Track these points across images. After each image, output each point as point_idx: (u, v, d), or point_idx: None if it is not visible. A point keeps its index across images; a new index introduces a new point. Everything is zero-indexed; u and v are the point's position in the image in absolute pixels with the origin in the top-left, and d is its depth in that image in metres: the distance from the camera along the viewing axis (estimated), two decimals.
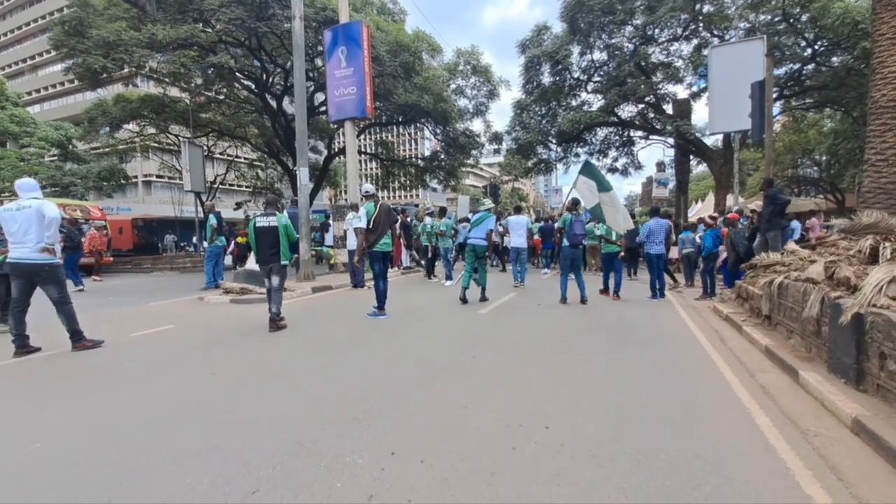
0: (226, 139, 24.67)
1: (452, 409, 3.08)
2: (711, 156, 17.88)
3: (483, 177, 74.71)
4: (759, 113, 8.16)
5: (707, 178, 42.20)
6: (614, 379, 3.85)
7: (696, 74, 18.80)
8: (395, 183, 28.87)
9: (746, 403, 3.30)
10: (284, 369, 4.08)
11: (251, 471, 2.23)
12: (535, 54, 18.40)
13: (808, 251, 6.08)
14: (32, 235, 4.42)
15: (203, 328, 5.84)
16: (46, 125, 24.94)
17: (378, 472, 2.23)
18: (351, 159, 12.15)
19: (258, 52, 17.23)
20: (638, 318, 6.73)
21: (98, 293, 10.16)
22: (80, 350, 4.62)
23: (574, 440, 2.61)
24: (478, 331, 5.72)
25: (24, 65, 46.52)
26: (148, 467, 2.29)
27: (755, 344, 5.05)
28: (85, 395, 3.43)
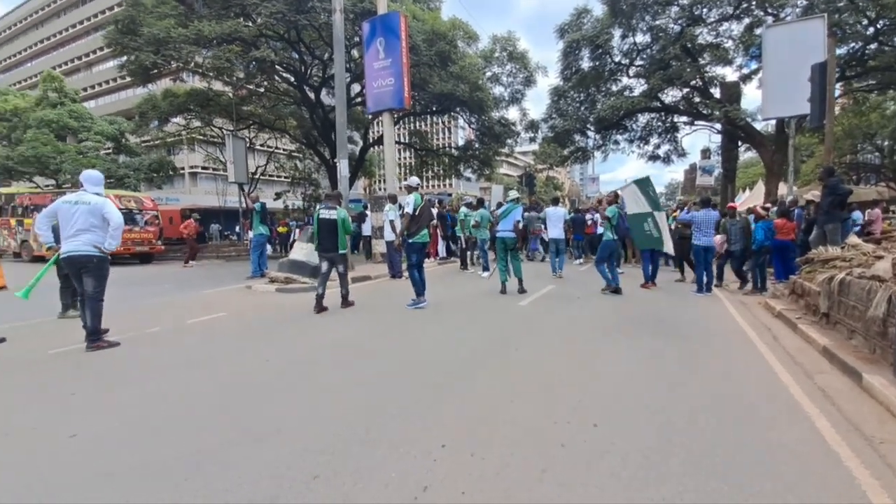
0: (266, 131, 25.38)
1: (498, 403, 3.12)
2: (763, 142, 16.91)
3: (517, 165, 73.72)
4: (820, 97, 7.63)
5: (755, 165, 40.04)
6: (661, 375, 3.77)
7: (748, 55, 17.75)
8: (429, 172, 28.95)
9: (805, 406, 3.17)
10: (331, 358, 4.23)
11: (311, 457, 2.34)
12: (575, 39, 17.85)
13: (872, 246, 5.72)
14: (85, 231, 4.44)
15: (253, 316, 6.12)
16: (101, 120, 26.40)
17: (430, 464, 2.29)
18: (389, 150, 12.26)
19: (297, 45, 17.54)
20: (684, 312, 6.54)
21: (154, 281, 10.77)
22: (94, 350, 4.47)
23: (624, 439, 2.59)
24: (518, 323, 5.72)
25: (79, 62, 49.18)
26: (218, 450, 2.45)
27: (812, 343, 4.81)
28: (152, 380, 3.68)
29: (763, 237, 8.02)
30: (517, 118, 22.41)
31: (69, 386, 3.55)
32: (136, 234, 16.19)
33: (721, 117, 15.37)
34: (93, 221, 4.48)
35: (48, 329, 4.57)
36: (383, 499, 2.01)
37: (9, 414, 3.03)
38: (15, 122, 23.65)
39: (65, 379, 3.76)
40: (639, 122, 21.47)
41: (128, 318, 5.76)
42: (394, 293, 8.02)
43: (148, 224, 16.81)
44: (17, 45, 55.19)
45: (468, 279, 9.99)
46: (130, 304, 7.10)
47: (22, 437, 2.67)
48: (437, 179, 29.61)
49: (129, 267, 14.76)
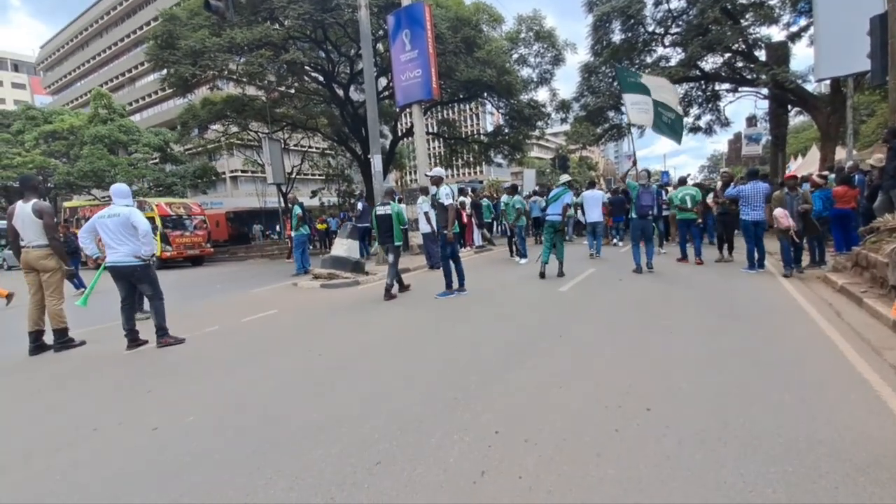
0: (299, 131, 26.06)
1: (547, 389, 3.13)
2: (816, 104, 15.75)
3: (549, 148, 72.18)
4: (881, 52, 6.99)
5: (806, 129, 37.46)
6: (713, 356, 3.67)
7: (796, 11, 16.51)
8: (459, 161, 28.87)
9: (875, 385, 3.01)
10: (381, 350, 4.37)
11: (371, 445, 2.46)
12: (605, 11, 17.15)
13: None
14: (124, 240, 4.74)
15: (302, 312, 6.39)
16: (147, 132, 27.89)
17: (485, 450, 2.35)
18: (420, 142, 12.32)
19: (324, 44, 17.82)
20: (734, 289, 6.29)
21: (206, 282, 11.39)
22: (163, 346, 4.84)
23: (679, 422, 2.56)
24: (561, 308, 5.69)
25: (122, 78, 51.90)
26: (283, 439, 2.60)
27: (879, 318, 4.51)
28: (217, 376, 3.94)
29: (821, 207, 7.55)
30: (547, 99, 21.98)
31: (145, 382, 3.86)
32: (188, 238, 17.12)
33: (769, 81, 14.44)
34: (126, 232, 4.76)
35: (119, 331, 4.96)
36: (443, 482, 2.09)
37: (95, 410, 3.33)
38: (72, 140, 25.38)
39: (141, 376, 4.08)
40: (677, 92, 20.49)
41: (187, 319, 6.14)
42: (434, 284, 8.12)
43: (197, 228, 17.72)
44: (66, 66, 58.79)
45: (508, 266, 9.97)
46: (187, 305, 7.57)
47: (111, 431, 2.93)
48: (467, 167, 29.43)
49: (182, 270, 15.67)
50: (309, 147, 28.97)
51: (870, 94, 20.11)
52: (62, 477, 2.39)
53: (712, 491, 1.94)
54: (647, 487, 1.99)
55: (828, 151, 15.07)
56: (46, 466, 2.50)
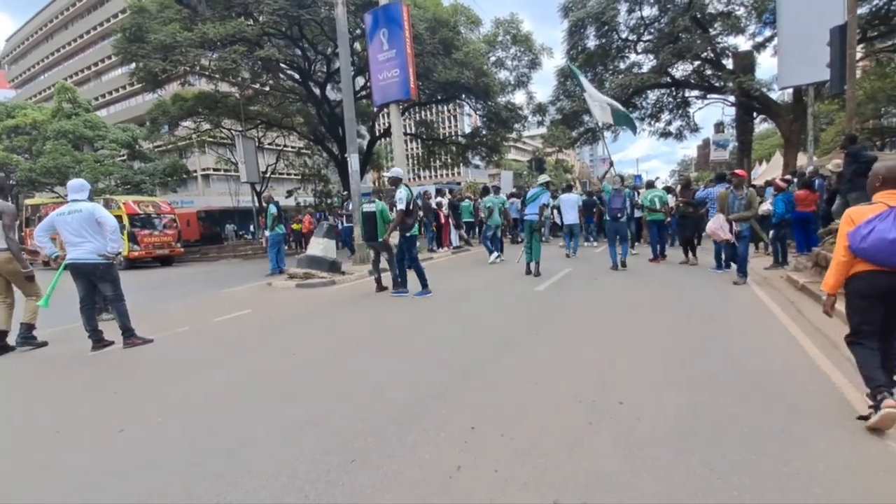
0: (274, 129, 25.60)
1: (523, 386, 3.16)
2: (779, 112, 16.46)
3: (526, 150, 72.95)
4: (840, 61, 7.37)
5: (771, 136, 38.97)
6: (683, 351, 3.77)
7: (761, 22, 17.21)
8: (437, 162, 28.90)
9: (833, 378, 3.16)
10: (356, 349, 4.32)
11: (346, 442, 2.42)
12: (580, 17, 17.51)
13: None
14: (87, 237, 4.53)
15: (277, 312, 6.25)
16: (115, 128, 26.87)
17: (462, 445, 2.35)
18: (397, 142, 12.26)
19: (300, 42, 17.56)
20: (703, 288, 6.49)
21: (175, 282, 11.04)
22: (130, 347, 4.67)
23: (650, 414, 2.62)
24: (537, 307, 5.75)
25: (88, 72, 49.88)
26: (257, 439, 2.54)
27: (838, 315, 4.72)
28: (187, 376, 3.82)
29: (783, 210, 7.87)
30: (524, 102, 22.24)
31: (111, 384, 3.72)
32: (157, 237, 16.55)
33: (735, 89, 15.00)
34: (89, 228, 4.56)
35: (83, 332, 4.76)
36: (419, 478, 2.08)
37: (59, 412, 3.19)
38: (34, 135, 24.25)
39: (106, 377, 3.93)
40: (649, 99, 21.08)
41: (156, 319, 5.93)
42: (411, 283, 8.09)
43: (166, 227, 17.15)
44: (30, 59, 56.21)
45: (484, 266, 10.01)
46: (156, 305, 7.32)
47: (75, 433, 2.81)
48: (445, 168, 29.50)
49: (151, 270, 15.15)
50: (284, 146, 28.47)
51: (829, 104, 21.16)
52: (22, 480, 2.28)
53: (681, 479, 2.00)
54: (619, 477, 2.03)
55: (790, 157, 15.76)
56: (6, 469, 2.38)
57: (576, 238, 11.03)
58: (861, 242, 2.38)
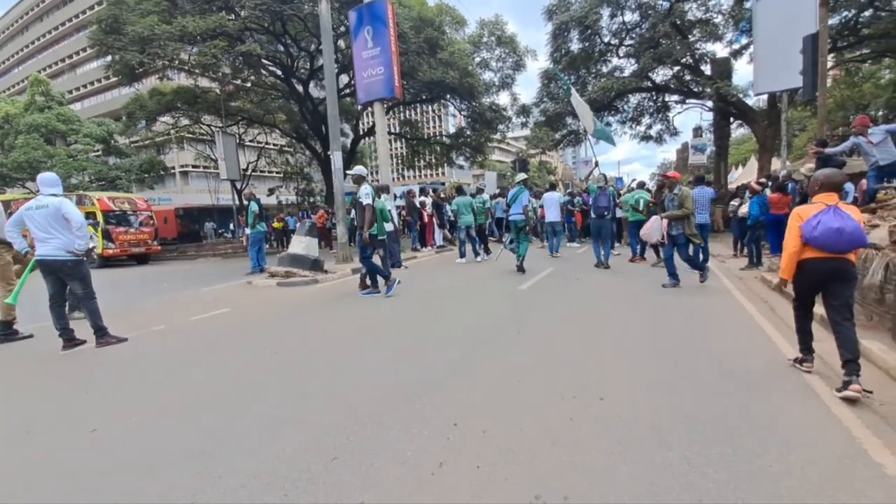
0: (255, 126, 25.20)
1: (505, 383, 3.17)
2: (755, 117, 16.93)
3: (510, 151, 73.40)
4: (812, 69, 7.63)
5: (747, 141, 40.04)
6: (663, 349, 3.84)
7: (738, 30, 17.69)
8: (422, 162, 28.85)
9: (804, 374, 3.25)
10: (338, 348, 4.28)
11: (327, 440, 2.40)
12: (563, 20, 17.69)
13: (867, 215, 5.78)
14: (54, 233, 4.41)
15: (257, 311, 6.14)
16: (90, 122, 26.08)
17: (444, 442, 2.35)
18: (381, 140, 12.21)
19: (283, 38, 17.33)
20: (681, 288, 6.61)
21: (152, 280, 10.77)
22: (103, 346, 4.54)
23: (630, 411, 2.66)
24: (519, 306, 5.78)
25: (63, 64, 48.32)
26: (235, 437, 2.50)
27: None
28: (162, 375, 3.72)
29: (758, 212, 8.09)
30: (508, 103, 22.39)
31: (83, 383, 3.61)
32: (132, 235, 16.11)
33: (713, 94, 15.36)
34: (56, 224, 4.43)
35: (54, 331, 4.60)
36: (401, 475, 2.06)
37: (29, 413, 3.08)
38: (7, 129, 23.37)
39: (78, 376, 3.81)
40: (630, 102, 21.43)
41: (131, 318, 5.77)
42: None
43: (143, 225, 16.71)
44: (4, 52, 54.27)
45: (468, 266, 10.03)
46: (131, 304, 7.12)
47: (45, 434, 2.71)
48: (429, 168, 29.46)
49: (126, 268, 14.73)
50: (266, 143, 28.05)
51: (801, 111, 21.85)
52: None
53: (659, 472, 2.03)
54: (600, 471, 2.05)
55: (765, 162, 16.22)
56: None
57: (558, 236, 11.15)
58: (813, 232, 2.96)
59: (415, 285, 7.65)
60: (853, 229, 2.91)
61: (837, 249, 2.94)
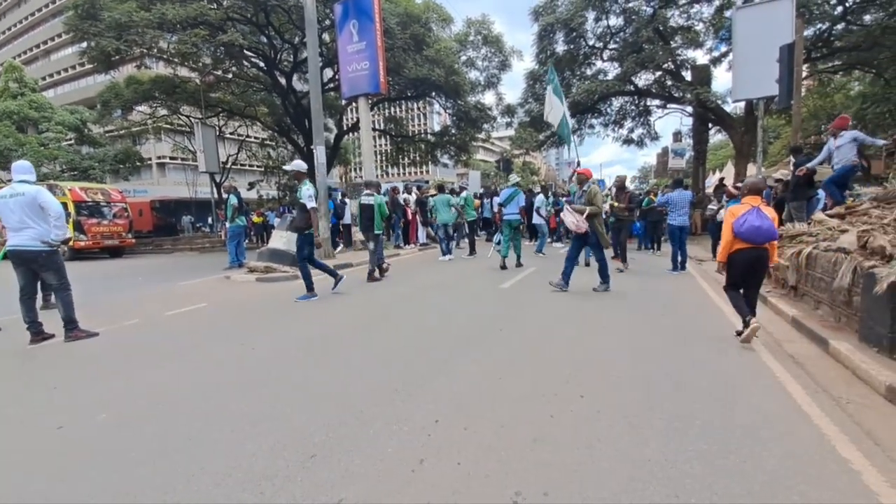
0: (236, 119, 24.66)
1: (487, 381, 3.18)
2: (732, 124, 17.35)
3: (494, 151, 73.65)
4: (788, 78, 7.87)
5: (724, 147, 41.05)
6: (641, 349, 3.91)
7: (717, 38, 18.07)
8: (406, 159, 28.73)
9: (776, 372, 3.34)
10: (318, 345, 4.21)
11: (306, 438, 2.35)
12: (549, 21, 17.80)
13: (836, 221, 5.97)
14: (29, 223, 4.27)
15: (234, 306, 6.02)
16: (62, 110, 25.12)
17: (425, 439, 2.33)
18: (365, 136, 12.09)
19: (266, 29, 17.00)
20: (660, 289, 6.74)
21: (125, 274, 10.45)
22: (73, 340, 4.40)
23: (609, 408, 2.69)
24: (502, 305, 5.80)
25: (37, 50, 46.54)
26: (210, 435, 2.43)
27: (781, 314, 5.05)
28: (133, 372, 3.61)
29: None
30: (493, 103, 22.42)
31: (50, 379, 3.47)
32: (105, 227, 15.65)
33: (693, 100, 15.68)
34: (31, 213, 4.29)
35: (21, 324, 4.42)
36: (381, 472, 2.04)
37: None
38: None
39: (45, 372, 3.67)
40: (613, 105, 21.71)
41: (103, 312, 5.58)
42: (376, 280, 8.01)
43: (117, 217, 16.24)
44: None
45: (452, 264, 10.02)
46: (104, 297, 6.90)
47: (8, 432, 2.61)
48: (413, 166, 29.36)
49: (99, 261, 14.27)
50: (247, 136, 27.48)
51: (776, 119, 22.49)
52: None
53: (638, 468, 2.06)
54: (580, 467, 2.07)
55: (741, 167, 16.64)
56: None
57: (542, 238, 11.39)
58: (741, 227, 3.78)
59: (397, 283, 7.61)
60: (768, 227, 3.75)
61: (757, 242, 3.78)
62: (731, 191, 8.47)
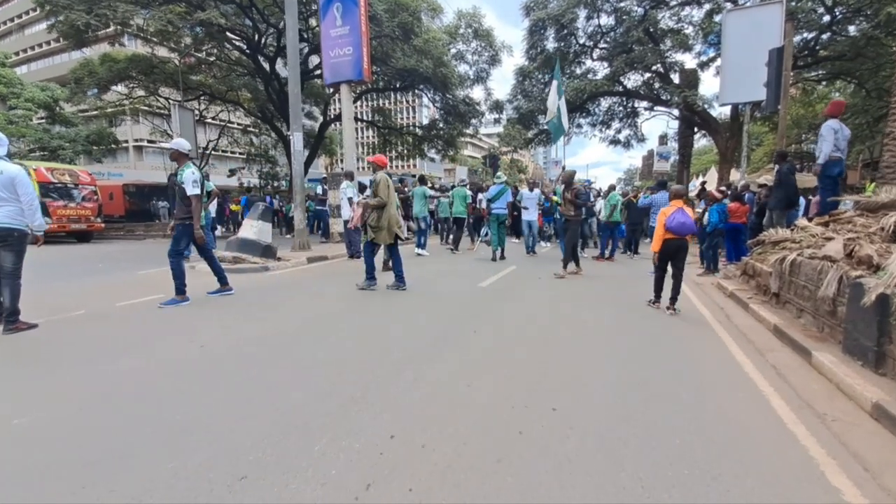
0: (218, 103, 23.89)
1: (454, 388, 2.93)
2: (718, 128, 17.41)
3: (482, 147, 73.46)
4: (776, 82, 7.78)
5: (708, 152, 41.59)
6: (618, 354, 3.72)
7: (706, 43, 18.10)
8: (393, 152, 28.27)
9: (759, 384, 3.18)
10: (275, 342, 3.90)
11: (240, 454, 2.07)
12: (540, 17, 17.58)
13: (820, 228, 5.88)
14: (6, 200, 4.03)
15: (193, 298, 5.60)
16: (33, 86, 24.00)
17: (376, 458, 2.08)
18: (347, 125, 11.72)
19: (249, 10, 16.39)
20: (641, 292, 6.57)
21: (88, 260, 9.92)
22: (13, 333, 4.08)
23: (582, 422, 2.47)
24: (478, 304, 5.57)
25: (11, 24, 44.51)
26: (130, 448, 2.13)
27: (763, 322, 4.92)
28: (66, 369, 3.26)
29: (717, 220, 8.20)
30: (482, 98, 22.15)
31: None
32: (72, 210, 14.90)
33: (680, 102, 15.67)
34: (7, 192, 4.04)
35: None
36: (320, 499, 1.78)
37: None
38: None
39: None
40: (601, 106, 21.65)
41: (49, 300, 5.16)
42: (350, 274, 7.70)
43: (85, 200, 15.49)
44: None
45: (430, 260, 9.76)
46: (56, 285, 6.44)
47: None
48: (400, 159, 28.87)
49: (64, 245, 13.61)
50: (229, 122, 26.69)
51: (760, 125, 22.74)
52: None
53: (611, 496, 1.83)
54: (546, 495, 1.83)
55: (724, 172, 16.72)
56: None
57: (535, 236, 11.22)
58: (671, 223, 5.09)
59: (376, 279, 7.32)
60: (690, 223, 5.11)
61: (681, 233, 5.14)
62: (715, 194, 8.38)
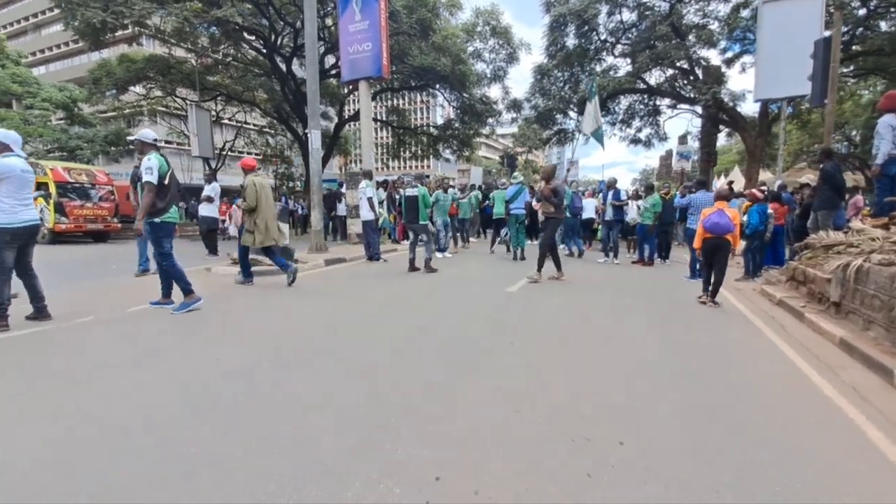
0: (234, 104, 23.89)
1: (501, 413, 2.56)
2: (745, 126, 16.76)
3: (496, 148, 72.94)
4: (822, 74, 7.26)
5: (728, 151, 40.55)
6: (672, 371, 3.33)
7: (732, 39, 17.47)
8: (407, 152, 28.02)
9: (845, 410, 2.77)
10: (294, 354, 3.57)
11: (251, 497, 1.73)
12: (561, 13, 17.11)
13: (881, 231, 5.40)
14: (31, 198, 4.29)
15: (207, 303, 5.29)
16: (50, 86, 24.26)
17: None
18: (365, 123, 11.43)
19: (266, 9, 16.26)
20: (680, 297, 6.16)
21: (103, 261, 9.78)
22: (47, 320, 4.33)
23: (657, 461, 2.08)
24: (510, 311, 5.19)
25: (26, 23, 45.33)
26: (117, 485, 1.80)
27: (824, 334, 4.47)
28: (63, 385, 2.96)
29: (758, 221, 7.70)
30: (499, 97, 21.74)
31: None
32: (89, 210, 14.88)
33: (710, 98, 15.07)
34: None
35: None
36: None
37: None
38: None
39: None
40: (621, 104, 21.08)
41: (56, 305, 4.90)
42: (370, 277, 7.40)
43: (102, 200, 15.47)
44: None
45: (448, 262, 9.41)
46: (68, 287, 6.23)
47: None
48: (415, 159, 28.57)
49: (80, 245, 13.57)
50: (245, 122, 26.70)
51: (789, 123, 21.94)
52: None
53: None
54: None
55: (753, 171, 16.07)
56: None
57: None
58: (707, 223, 5.44)
59: (392, 282, 7.01)
60: (726, 222, 5.35)
61: (718, 233, 5.41)
62: (756, 193, 7.88)
